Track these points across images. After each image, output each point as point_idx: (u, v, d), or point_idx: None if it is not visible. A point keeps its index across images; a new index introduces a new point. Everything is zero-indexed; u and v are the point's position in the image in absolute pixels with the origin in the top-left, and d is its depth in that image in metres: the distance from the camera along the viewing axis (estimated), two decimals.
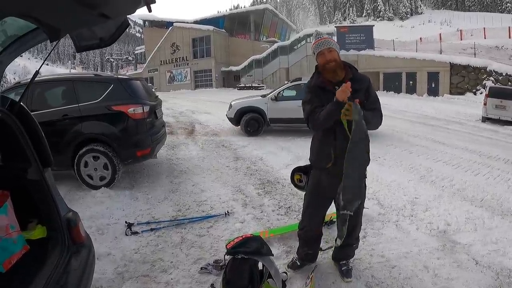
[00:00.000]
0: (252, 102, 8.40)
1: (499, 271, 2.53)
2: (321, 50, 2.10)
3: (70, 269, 1.72)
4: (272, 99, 7.95)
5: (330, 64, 2.08)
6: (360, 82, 2.11)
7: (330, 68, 2.09)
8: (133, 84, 4.53)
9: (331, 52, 2.09)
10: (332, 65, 2.08)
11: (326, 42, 2.10)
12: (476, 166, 5.36)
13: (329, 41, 2.12)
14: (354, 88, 2.00)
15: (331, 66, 2.08)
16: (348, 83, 1.96)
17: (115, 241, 2.99)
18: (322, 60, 2.11)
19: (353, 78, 2.08)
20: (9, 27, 1.61)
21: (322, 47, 2.10)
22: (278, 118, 7.96)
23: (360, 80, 2.13)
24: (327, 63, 2.08)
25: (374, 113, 2.14)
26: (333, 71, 2.09)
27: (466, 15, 59.58)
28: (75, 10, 1.28)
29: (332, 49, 2.09)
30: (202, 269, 2.48)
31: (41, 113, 4.13)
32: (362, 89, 2.12)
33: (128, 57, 69.09)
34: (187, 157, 6.20)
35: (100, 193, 4.04)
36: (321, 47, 2.10)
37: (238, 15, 44.87)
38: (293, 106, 7.29)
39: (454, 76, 21.89)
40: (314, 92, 2.18)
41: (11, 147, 1.83)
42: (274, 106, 7.93)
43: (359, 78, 2.14)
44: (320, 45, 2.11)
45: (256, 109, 8.10)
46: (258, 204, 3.89)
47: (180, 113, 13.57)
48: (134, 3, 1.35)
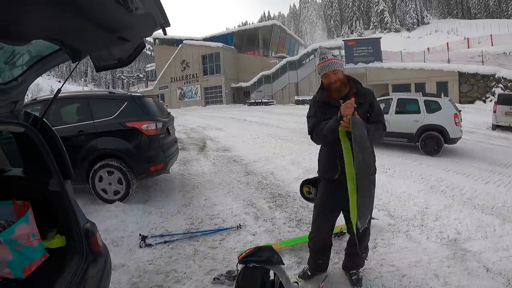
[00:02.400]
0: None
1: (511, 277, 2.52)
2: (326, 72, 2.15)
3: (88, 277, 1.78)
4: None
5: (335, 85, 2.15)
6: (363, 96, 2.19)
7: (335, 88, 2.17)
8: (146, 101, 4.71)
9: (336, 74, 2.14)
10: (337, 85, 2.15)
11: (330, 65, 2.13)
12: (487, 174, 5.31)
13: (334, 62, 2.15)
14: (358, 102, 2.07)
15: (336, 86, 2.16)
16: (352, 98, 2.03)
17: (129, 253, 3.07)
18: (327, 81, 2.18)
19: (357, 93, 2.17)
20: (34, 48, 1.72)
21: (327, 70, 2.14)
22: None
23: (363, 94, 2.21)
24: (332, 84, 2.15)
25: (376, 126, 2.20)
26: (337, 90, 2.18)
27: (473, 23, 59.64)
28: (97, 34, 1.39)
29: (336, 71, 2.14)
30: (215, 280, 2.54)
31: (57, 129, 4.32)
32: (366, 102, 2.19)
33: (139, 75, 70.93)
34: (199, 172, 6.31)
35: (114, 207, 4.15)
36: (326, 70, 2.14)
37: (247, 31, 45.89)
38: None
39: (463, 84, 21.82)
40: (318, 107, 2.26)
41: (34, 160, 1.94)
42: None
43: (362, 93, 2.21)
44: (324, 67, 2.14)
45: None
46: (269, 217, 3.94)
47: (191, 129, 13.82)
48: (151, 27, 1.46)
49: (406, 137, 7.21)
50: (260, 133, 11.51)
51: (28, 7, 1.12)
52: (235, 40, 44.01)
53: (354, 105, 2.01)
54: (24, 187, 2.10)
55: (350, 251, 2.47)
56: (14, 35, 1.26)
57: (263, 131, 11.91)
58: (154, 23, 1.42)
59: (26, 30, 1.27)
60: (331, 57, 2.16)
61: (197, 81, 42.20)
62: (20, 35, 1.28)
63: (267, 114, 19.68)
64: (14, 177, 2.18)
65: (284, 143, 9.06)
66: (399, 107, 7.49)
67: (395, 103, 7.46)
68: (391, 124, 7.02)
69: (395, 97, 7.55)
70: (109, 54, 1.81)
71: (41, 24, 1.28)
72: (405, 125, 7.28)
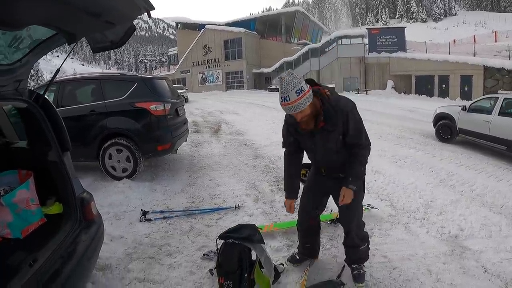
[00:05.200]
0: (448, 109, 7.99)
1: (509, 281, 2.40)
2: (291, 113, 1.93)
3: (79, 240, 1.95)
4: (463, 109, 7.32)
5: (302, 120, 1.97)
6: (333, 120, 1.97)
7: (303, 123, 2.00)
8: (156, 83, 4.80)
9: (302, 112, 1.89)
10: (305, 120, 1.97)
11: (291, 109, 1.86)
12: (501, 172, 5.09)
13: (294, 106, 1.85)
14: (327, 130, 1.98)
15: (304, 121, 1.98)
16: None
17: (129, 226, 3.22)
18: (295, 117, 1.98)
19: (326, 120, 1.98)
20: (34, 33, 1.89)
21: (291, 112, 1.90)
22: (466, 129, 7.14)
23: (332, 117, 1.97)
24: (300, 120, 1.97)
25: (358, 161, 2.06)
26: (306, 123, 2.01)
27: (502, 16, 56.45)
28: (86, 19, 1.55)
29: (301, 110, 1.88)
30: (204, 256, 2.63)
31: (70, 109, 4.51)
32: (336, 128, 1.99)
33: (161, 58, 71.81)
34: (209, 154, 6.42)
35: (121, 184, 4.32)
36: (290, 112, 1.90)
37: (270, 17, 45.20)
38: (479, 120, 6.67)
39: (488, 79, 20.77)
40: (289, 130, 2.21)
41: (36, 133, 2.11)
42: (464, 116, 7.25)
43: (331, 117, 1.97)
44: (288, 110, 1.89)
45: (448, 116, 7.66)
46: (269, 200, 3.98)
47: (209, 113, 13.97)
48: (134, 11, 1.60)
49: (507, 144, 6.00)
50: (276, 118, 11.45)
51: None
52: (258, 26, 43.48)
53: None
54: (28, 157, 2.27)
55: (347, 242, 2.37)
56: (9, 22, 1.38)
57: (279, 117, 11.82)
58: (137, 7, 1.55)
59: (20, 18, 1.40)
60: (294, 97, 1.82)
61: (219, 66, 42.26)
62: (15, 22, 1.41)
63: None
64: (19, 149, 2.38)
65: None
66: (506, 109, 6.28)
67: (501, 104, 6.32)
68: (493, 127, 6.29)
69: (501, 97, 6.42)
70: (102, 37, 1.99)
71: (34, 12, 1.41)
72: (510, 131, 6.03)
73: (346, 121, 1.97)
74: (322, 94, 1.99)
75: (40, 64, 25.07)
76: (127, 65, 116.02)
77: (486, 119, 6.40)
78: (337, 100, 2.01)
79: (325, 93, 2.00)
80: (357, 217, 2.29)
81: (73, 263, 1.84)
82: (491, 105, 6.59)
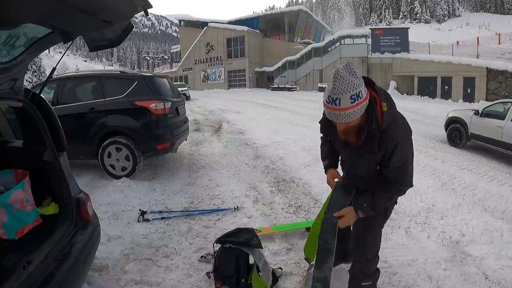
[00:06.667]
0: (460, 113, 7.68)
1: None
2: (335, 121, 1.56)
3: (75, 241, 1.93)
4: (476, 113, 7.02)
5: (342, 130, 1.64)
6: (373, 145, 1.59)
7: (342, 132, 1.66)
8: (156, 81, 4.77)
9: (348, 123, 1.54)
10: (346, 131, 1.63)
11: (338, 117, 1.48)
12: (503, 176, 5.03)
13: (344, 114, 1.46)
14: (362, 151, 1.64)
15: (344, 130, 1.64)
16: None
17: (127, 226, 3.20)
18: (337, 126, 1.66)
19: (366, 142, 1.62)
20: (29, 31, 1.85)
21: (335, 120, 1.53)
22: (478, 135, 6.84)
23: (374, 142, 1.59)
24: (340, 130, 1.66)
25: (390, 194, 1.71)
26: (345, 134, 1.65)
27: (506, 18, 56.42)
28: (81, 17, 1.52)
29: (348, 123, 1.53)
30: (202, 258, 2.60)
31: (70, 106, 4.48)
32: (374, 155, 1.62)
33: (163, 56, 71.90)
34: (209, 153, 6.39)
35: (120, 182, 4.30)
36: (334, 120, 1.53)
37: (273, 16, 45.11)
38: (492, 126, 6.38)
39: (491, 81, 20.68)
40: (325, 123, 1.87)
41: (31, 132, 2.08)
42: (476, 121, 6.94)
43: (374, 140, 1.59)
44: (332, 116, 1.51)
45: (460, 120, 7.37)
46: (268, 201, 3.95)
47: (210, 112, 13.93)
48: (131, 10, 1.56)
49: None
50: (277, 118, 11.45)
51: None
52: (261, 24, 43.38)
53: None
54: (24, 157, 2.24)
55: (351, 269, 2.03)
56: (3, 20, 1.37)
57: (281, 117, 11.84)
58: (134, 5, 1.52)
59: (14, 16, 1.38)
60: (347, 104, 1.43)
61: (221, 64, 42.22)
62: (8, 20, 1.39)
63: (288, 100, 19.45)
64: (15, 148, 2.35)
65: (299, 129, 8.98)
66: None
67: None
68: (506, 133, 6.00)
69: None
70: (100, 35, 1.96)
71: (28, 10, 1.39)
72: None
73: (391, 153, 1.59)
74: (375, 109, 1.56)
75: (43, 60, 25.03)
76: (130, 62, 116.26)
77: (499, 125, 6.18)
78: (390, 122, 1.57)
79: (379, 109, 1.57)
80: (366, 249, 1.90)
81: (69, 265, 1.81)
82: (505, 110, 6.30)
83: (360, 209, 1.70)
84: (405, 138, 1.60)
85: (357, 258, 1.95)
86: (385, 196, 1.69)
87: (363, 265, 1.92)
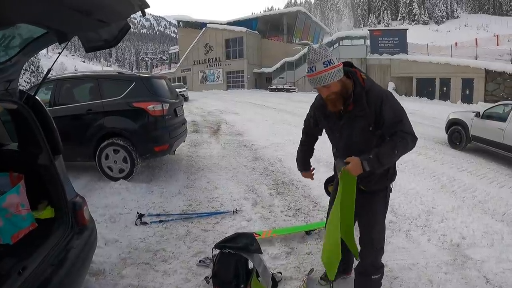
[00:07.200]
0: (461, 115, 7.62)
1: None
2: (316, 86, 1.77)
3: (71, 247, 1.89)
4: (477, 115, 6.95)
5: (329, 98, 1.80)
6: (362, 102, 1.78)
7: (329, 101, 1.81)
8: (154, 82, 4.74)
9: (328, 88, 1.73)
10: (332, 98, 1.79)
11: (318, 80, 1.71)
12: (503, 178, 5.03)
13: (322, 77, 1.69)
14: (355, 114, 1.79)
15: (331, 99, 1.79)
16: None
17: (124, 230, 3.16)
18: (320, 93, 1.86)
19: (355, 103, 1.80)
20: (24, 32, 1.82)
21: (315, 85, 1.74)
22: (479, 137, 6.76)
23: (362, 99, 1.78)
24: (326, 97, 1.81)
25: (394, 140, 1.75)
26: (332, 103, 1.81)
27: (504, 19, 56.86)
28: (76, 17, 1.48)
29: (328, 85, 1.72)
30: (200, 262, 2.56)
31: (67, 107, 4.45)
32: (365, 113, 1.77)
33: (162, 56, 71.78)
34: (207, 155, 6.35)
35: (118, 185, 4.25)
36: (315, 85, 1.75)
37: (271, 17, 45.16)
38: (493, 128, 6.30)
39: (489, 83, 20.78)
40: (316, 110, 2.05)
41: (26, 135, 2.04)
42: (477, 123, 6.87)
43: (361, 99, 1.78)
44: (312, 82, 1.74)
45: (461, 122, 7.31)
46: (267, 204, 3.91)
47: (209, 113, 13.89)
48: (128, 9, 1.53)
49: None
50: (276, 119, 11.43)
51: None
52: (259, 25, 43.42)
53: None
54: (19, 160, 2.20)
55: (359, 268, 2.08)
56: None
57: (279, 118, 11.81)
58: (131, 5, 1.49)
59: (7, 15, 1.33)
60: (321, 68, 1.68)
61: (220, 65, 42.21)
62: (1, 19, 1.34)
63: (287, 101, 19.45)
64: (10, 151, 2.30)
65: (298, 131, 8.76)
66: None
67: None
68: (507, 135, 5.90)
69: None
70: (96, 36, 1.93)
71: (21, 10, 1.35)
72: None
73: (379, 107, 1.74)
74: (356, 76, 1.80)
75: (41, 60, 24.95)
76: (128, 62, 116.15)
77: (500, 127, 6.13)
78: (371, 85, 1.81)
79: (360, 76, 1.81)
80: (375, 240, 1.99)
81: (65, 270, 1.77)
82: (506, 112, 6.24)
83: (366, 160, 1.71)
84: (388, 94, 1.82)
85: (365, 251, 2.02)
86: (389, 145, 1.74)
87: (373, 257, 2.02)
